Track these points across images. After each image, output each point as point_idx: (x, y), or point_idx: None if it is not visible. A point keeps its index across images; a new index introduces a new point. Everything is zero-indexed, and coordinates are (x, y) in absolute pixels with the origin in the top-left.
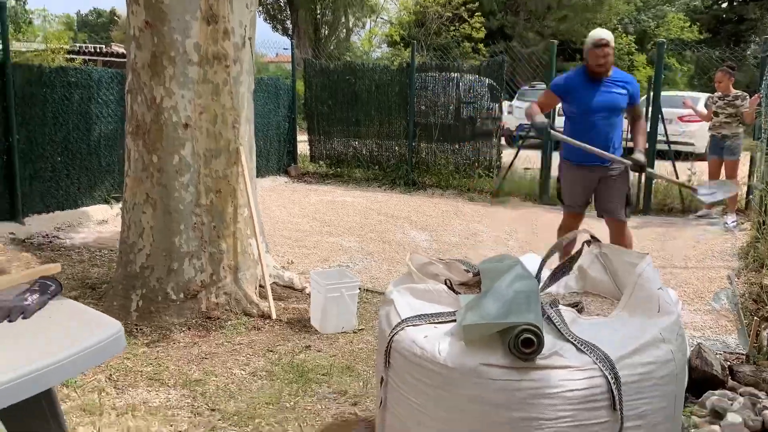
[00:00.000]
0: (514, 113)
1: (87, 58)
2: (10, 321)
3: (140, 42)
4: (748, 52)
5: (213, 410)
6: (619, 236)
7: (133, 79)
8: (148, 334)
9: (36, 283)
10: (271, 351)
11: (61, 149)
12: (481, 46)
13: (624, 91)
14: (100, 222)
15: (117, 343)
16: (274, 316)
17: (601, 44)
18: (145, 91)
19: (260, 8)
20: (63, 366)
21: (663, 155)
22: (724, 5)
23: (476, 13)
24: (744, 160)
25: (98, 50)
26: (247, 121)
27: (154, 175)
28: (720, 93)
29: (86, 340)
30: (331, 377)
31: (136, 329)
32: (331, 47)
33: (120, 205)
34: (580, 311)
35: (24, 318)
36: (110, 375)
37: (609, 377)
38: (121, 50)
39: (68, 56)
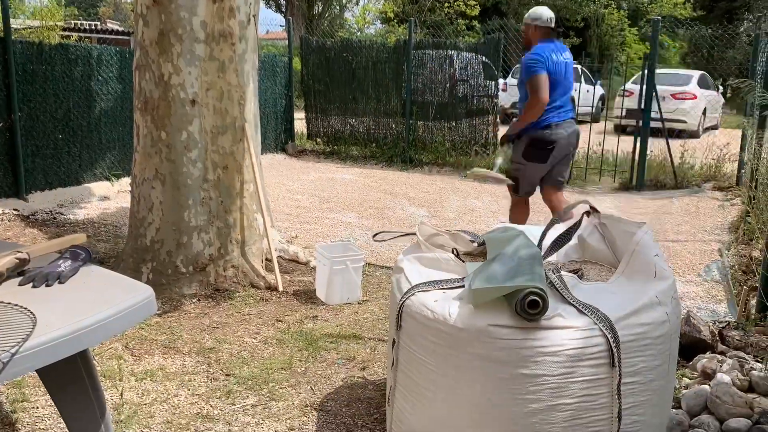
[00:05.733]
0: (508, 91)
1: (82, 35)
2: (47, 286)
3: (147, 19)
4: (741, 30)
5: (228, 375)
6: None
7: (141, 55)
8: (160, 306)
9: (67, 251)
10: (279, 321)
11: (62, 126)
12: (475, 23)
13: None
14: (102, 198)
15: (149, 306)
16: (280, 288)
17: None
18: (153, 68)
19: None
20: (100, 327)
21: (657, 132)
22: None
23: None
24: (736, 135)
25: (93, 27)
26: (252, 98)
27: (163, 151)
28: None
29: (122, 303)
30: (339, 344)
31: None
32: (325, 24)
33: (120, 181)
34: (580, 277)
35: (60, 283)
36: (126, 344)
37: (609, 336)
38: (116, 27)
39: (63, 33)
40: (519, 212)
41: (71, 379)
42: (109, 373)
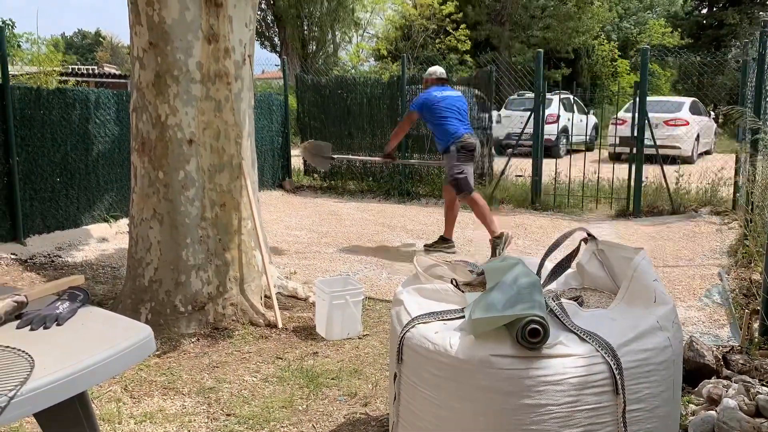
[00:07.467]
0: (502, 122)
1: (80, 79)
2: (45, 328)
3: (144, 62)
4: (730, 56)
5: (229, 415)
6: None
7: (138, 97)
8: (159, 346)
9: (65, 293)
10: (279, 358)
11: (60, 170)
12: (467, 57)
13: None
14: (100, 240)
15: (148, 346)
16: (280, 325)
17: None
18: (149, 109)
19: None
20: (98, 368)
21: (651, 159)
22: (704, 11)
23: (461, 25)
24: (730, 159)
25: (90, 71)
26: (248, 136)
27: (161, 191)
28: None
29: (120, 343)
30: (340, 381)
31: None
32: (319, 62)
33: (118, 223)
34: (580, 304)
35: (58, 325)
36: (125, 386)
37: (611, 363)
38: (114, 71)
39: (61, 78)
40: (476, 205)
41: (69, 423)
42: (107, 416)
